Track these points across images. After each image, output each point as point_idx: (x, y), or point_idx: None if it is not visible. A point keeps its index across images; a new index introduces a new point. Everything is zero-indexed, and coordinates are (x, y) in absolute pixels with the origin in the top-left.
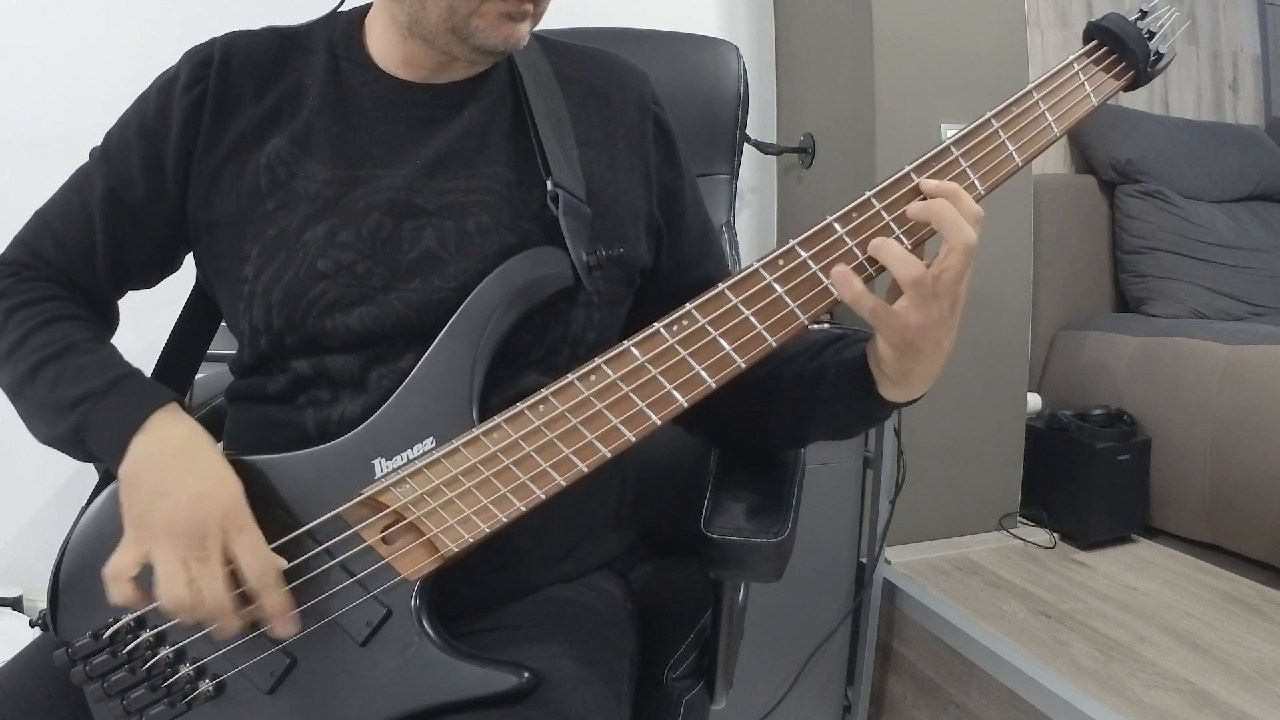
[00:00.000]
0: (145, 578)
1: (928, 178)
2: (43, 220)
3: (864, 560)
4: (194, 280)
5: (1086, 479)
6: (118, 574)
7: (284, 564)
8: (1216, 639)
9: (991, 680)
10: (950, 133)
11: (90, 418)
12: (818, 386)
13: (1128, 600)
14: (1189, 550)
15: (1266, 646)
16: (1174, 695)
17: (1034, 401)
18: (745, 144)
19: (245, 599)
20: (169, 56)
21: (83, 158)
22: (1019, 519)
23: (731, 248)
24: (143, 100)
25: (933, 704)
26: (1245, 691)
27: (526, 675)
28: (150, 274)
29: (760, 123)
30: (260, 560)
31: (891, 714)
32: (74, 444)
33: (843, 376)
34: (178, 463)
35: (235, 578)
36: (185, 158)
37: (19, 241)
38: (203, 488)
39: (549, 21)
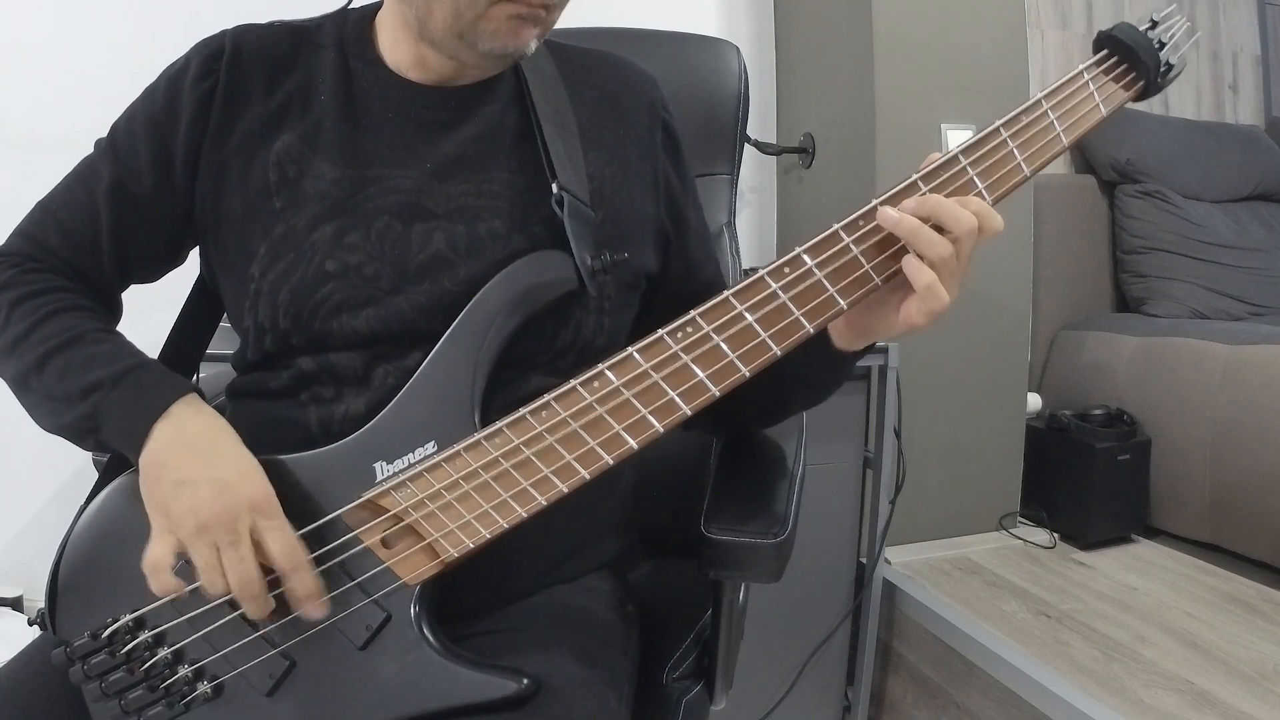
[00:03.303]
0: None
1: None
2: (47, 211)
3: (864, 560)
4: (193, 279)
5: (1086, 479)
6: (157, 566)
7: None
8: (1216, 639)
9: (991, 680)
10: (951, 133)
11: (104, 406)
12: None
13: (1128, 600)
14: (1189, 550)
15: (1266, 646)
16: (1174, 695)
17: (1034, 401)
18: (745, 144)
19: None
20: (169, 57)
21: (84, 157)
22: (1019, 519)
23: (731, 248)
24: (151, 92)
25: (933, 704)
26: (1245, 691)
27: (525, 681)
28: (154, 267)
29: (760, 123)
30: (289, 545)
31: (891, 714)
32: (84, 433)
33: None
34: (200, 451)
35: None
36: (194, 151)
37: (21, 233)
38: (228, 476)
39: None
